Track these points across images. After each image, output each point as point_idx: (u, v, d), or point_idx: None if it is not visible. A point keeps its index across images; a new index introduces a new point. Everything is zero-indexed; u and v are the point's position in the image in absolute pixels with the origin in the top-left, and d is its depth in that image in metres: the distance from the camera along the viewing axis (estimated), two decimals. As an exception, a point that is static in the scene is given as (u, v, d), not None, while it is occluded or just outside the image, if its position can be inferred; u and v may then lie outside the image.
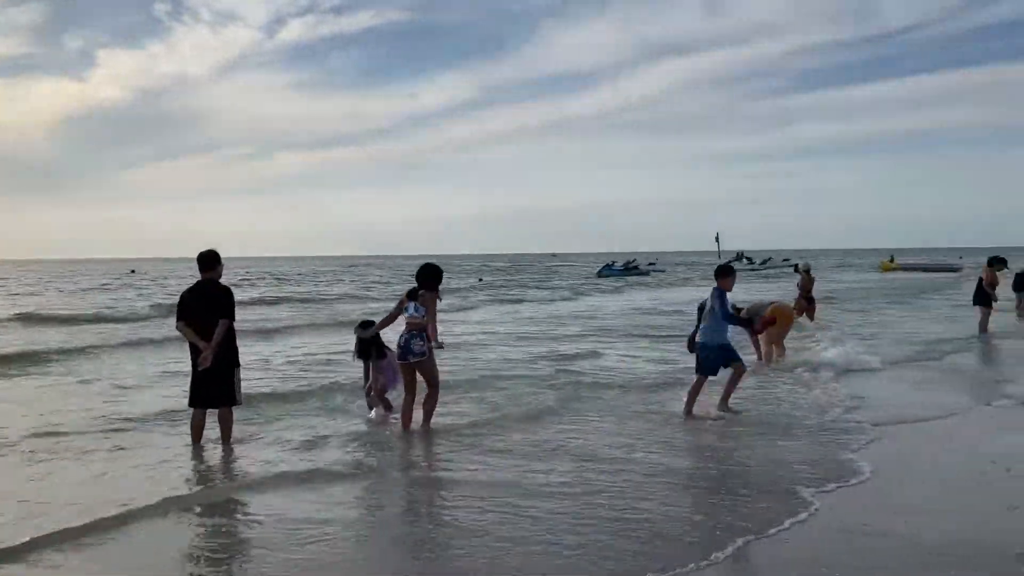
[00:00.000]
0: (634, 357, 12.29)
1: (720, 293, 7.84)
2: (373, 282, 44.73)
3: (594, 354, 12.49)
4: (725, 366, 7.87)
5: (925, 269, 54.80)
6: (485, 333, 16.23)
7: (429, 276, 7.05)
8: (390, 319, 7.18)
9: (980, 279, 15.45)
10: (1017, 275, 19.41)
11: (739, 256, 67.08)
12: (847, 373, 10.17)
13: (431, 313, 6.94)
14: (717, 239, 68.54)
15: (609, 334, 15.95)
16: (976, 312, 15.23)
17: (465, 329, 16.97)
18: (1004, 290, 16.35)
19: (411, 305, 6.93)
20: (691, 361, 8.13)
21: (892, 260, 60.28)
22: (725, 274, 8.13)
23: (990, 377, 10.38)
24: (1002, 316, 15.87)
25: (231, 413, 6.62)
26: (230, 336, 6.42)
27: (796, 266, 23.31)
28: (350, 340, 8.23)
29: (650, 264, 65.05)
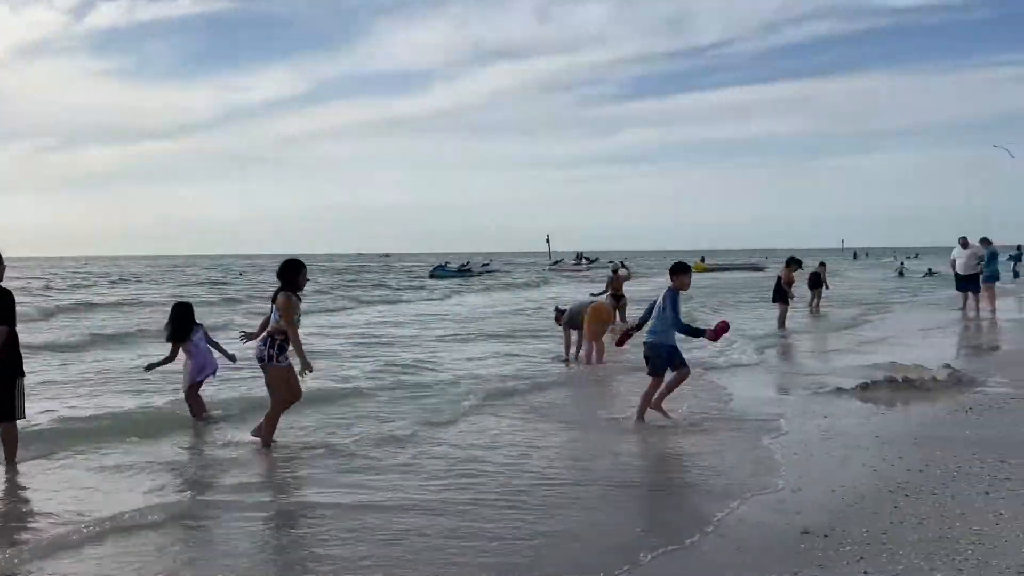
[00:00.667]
0: (486, 359, 12.34)
1: (672, 294, 7.35)
2: (183, 284, 42.02)
3: (452, 359, 12.37)
4: (672, 369, 7.47)
5: (732, 268, 59.17)
6: (318, 337, 15.73)
7: (280, 274, 6.68)
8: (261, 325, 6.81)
9: (779, 278, 16.85)
10: (812, 274, 21.74)
11: (579, 257, 69.17)
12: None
13: (286, 318, 6.45)
14: (548, 241, 70.52)
15: (458, 336, 15.93)
16: (776, 308, 16.59)
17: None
18: (800, 288, 17.90)
19: (270, 308, 6.64)
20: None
21: (703, 261, 64.62)
22: (679, 272, 7.52)
23: (798, 369, 11.27)
24: (797, 312, 17.40)
25: (15, 428, 6.00)
26: (13, 343, 5.83)
27: (622, 263, 24.47)
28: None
29: (484, 265, 65.82)
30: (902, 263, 55.73)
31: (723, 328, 7.62)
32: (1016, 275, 40.91)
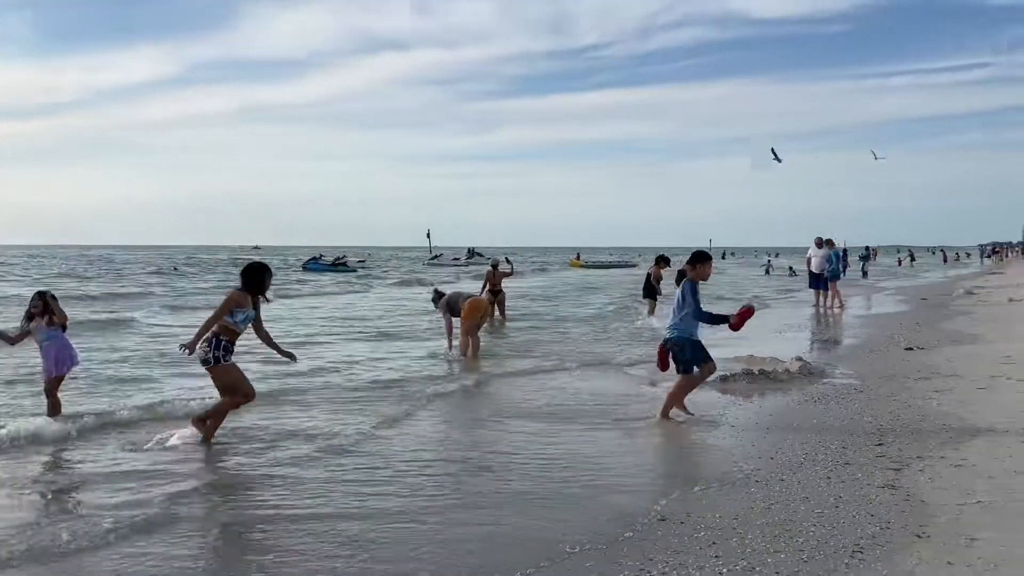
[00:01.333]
0: (385, 358, 12.05)
1: (691, 285, 7.10)
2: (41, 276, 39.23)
3: (363, 358, 11.99)
4: (696, 365, 7.13)
5: (607, 266, 60.83)
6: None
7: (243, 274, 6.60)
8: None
9: (648, 275, 17.44)
10: (679, 272, 22.79)
11: (470, 252, 69.07)
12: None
13: (220, 309, 6.44)
14: (428, 235, 70.19)
15: (358, 334, 15.55)
16: (645, 303, 17.18)
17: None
18: (668, 285, 18.57)
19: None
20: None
21: (578, 258, 66.17)
22: (699, 261, 7.24)
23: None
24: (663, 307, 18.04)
25: None
26: None
27: (506, 258, 24.68)
28: None
29: (359, 261, 64.78)
30: (768, 262, 58.75)
31: (748, 313, 7.25)
32: (864, 274, 43.96)
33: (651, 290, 17.21)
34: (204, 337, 6.30)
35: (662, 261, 17.90)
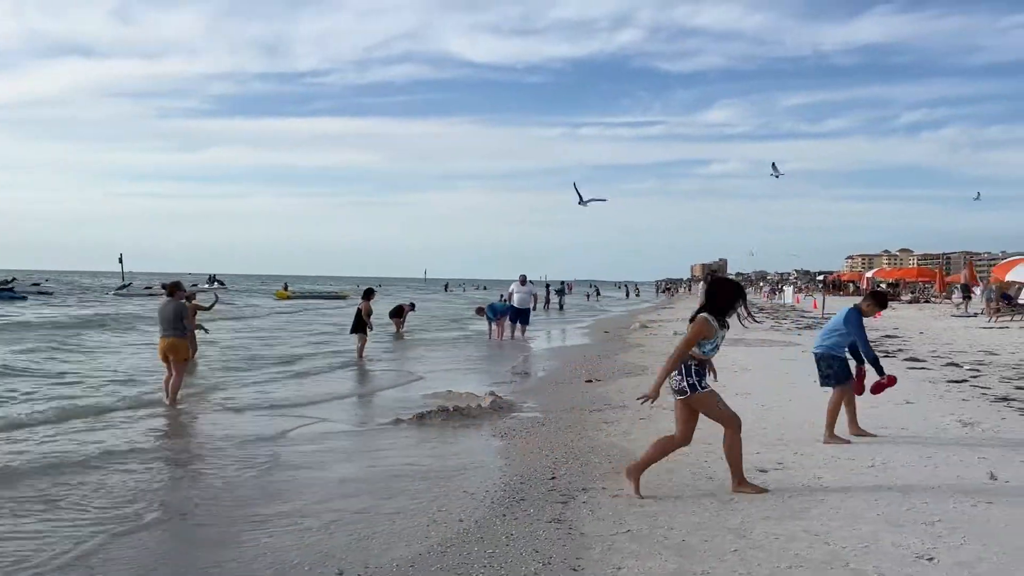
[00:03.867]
0: None
1: (858, 316, 7.67)
2: None
3: None
4: (838, 384, 7.63)
5: (316, 296, 59.57)
6: None
7: None
8: None
9: (359, 310, 17.30)
10: (396, 306, 24.11)
11: (211, 279, 63.50)
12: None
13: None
14: (120, 260, 63.57)
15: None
16: (355, 340, 17.02)
17: None
18: (377, 318, 18.71)
19: None
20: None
21: (286, 288, 64.21)
22: (877, 300, 8.17)
23: (367, 402, 11.59)
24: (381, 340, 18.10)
25: None
26: None
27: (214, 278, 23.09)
28: None
29: (35, 284, 57.33)
30: (502, 296, 61.21)
31: (890, 383, 7.77)
32: (560, 307, 47.49)
33: (361, 325, 17.08)
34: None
35: (370, 294, 17.92)
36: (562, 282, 61.70)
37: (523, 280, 22.58)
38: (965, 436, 7.92)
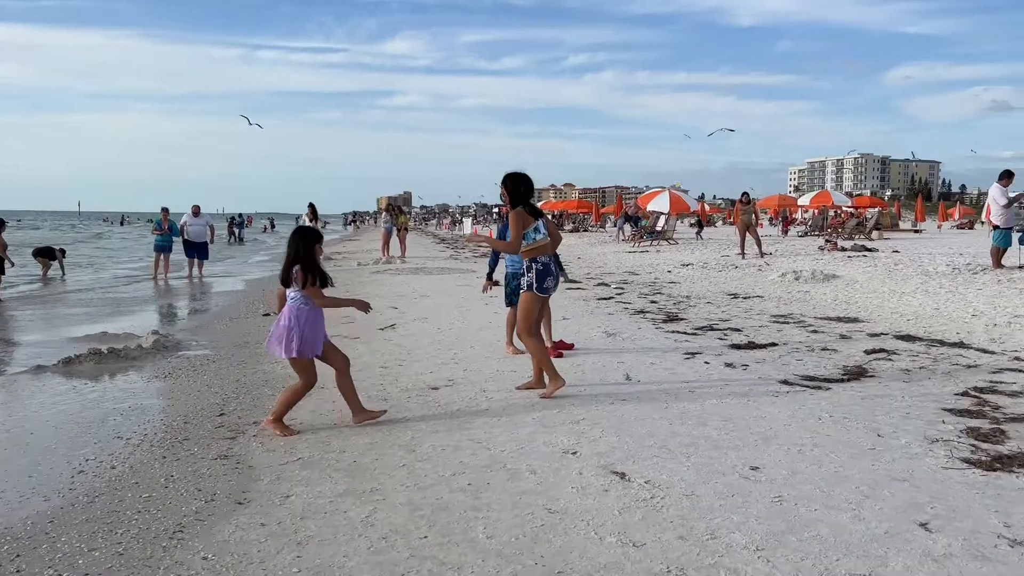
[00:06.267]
0: None
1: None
2: None
3: None
4: None
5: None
6: None
7: None
8: None
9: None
10: (44, 248, 21.43)
11: None
12: None
13: None
14: None
15: None
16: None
17: None
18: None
19: None
20: None
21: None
22: None
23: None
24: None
25: None
26: None
27: None
28: None
29: None
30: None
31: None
32: (241, 240, 45.33)
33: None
34: None
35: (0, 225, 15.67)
36: (240, 215, 58.73)
37: (196, 211, 20.96)
38: (609, 345, 8.94)
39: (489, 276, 8.70)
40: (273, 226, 75.34)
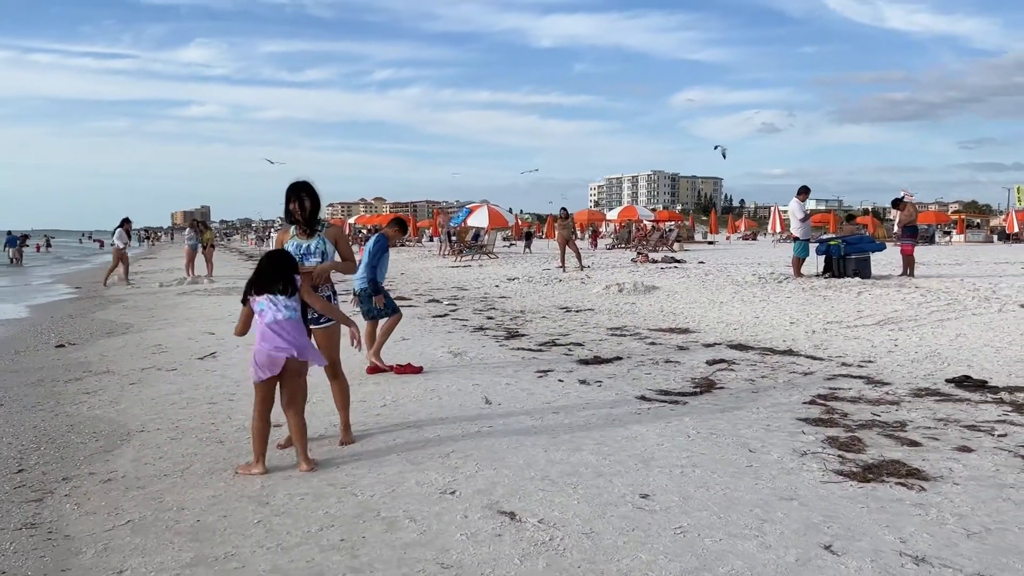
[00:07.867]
0: None
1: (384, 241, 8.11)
2: None
3: None
4: None
5: None
6: None
7: None
8: None
9: None
10: None
11: None
12: None
13: None
14: None
15: None
16: None
17: None
18: None
19: None
20: None
21: None
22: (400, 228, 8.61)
23: None
24: None
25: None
26: None
27: None
28: None
29: None
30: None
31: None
32: (19, 261, 40.75)
33: None
34: None
35: None
36: (8, 232, 52.94)
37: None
38: (457, 364, 8.58)
39: (378, 291, 8.17)
40: (49, 244, 68.70)
